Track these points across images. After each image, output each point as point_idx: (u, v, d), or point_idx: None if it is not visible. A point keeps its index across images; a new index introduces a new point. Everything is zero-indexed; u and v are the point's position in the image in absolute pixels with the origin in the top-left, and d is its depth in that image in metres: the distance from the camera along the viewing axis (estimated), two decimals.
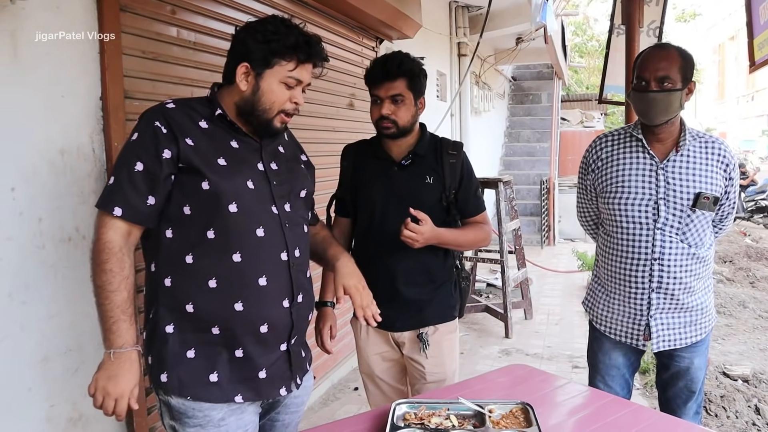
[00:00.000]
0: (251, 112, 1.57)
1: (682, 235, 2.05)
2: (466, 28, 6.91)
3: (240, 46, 1.56)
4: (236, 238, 1.53)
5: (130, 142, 1.51)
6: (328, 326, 2.17)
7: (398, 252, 2.04)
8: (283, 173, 1.67)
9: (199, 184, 1.50)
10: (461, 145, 2.21)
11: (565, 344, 4.90)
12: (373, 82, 2.07)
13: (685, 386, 2.22)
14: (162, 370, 1.53)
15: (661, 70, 1.96)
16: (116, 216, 1.45)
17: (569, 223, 10.32)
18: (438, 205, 2.10)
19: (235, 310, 1.53)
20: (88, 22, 1.95)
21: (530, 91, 12.75)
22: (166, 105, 1.54)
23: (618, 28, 4.21)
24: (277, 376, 1.63)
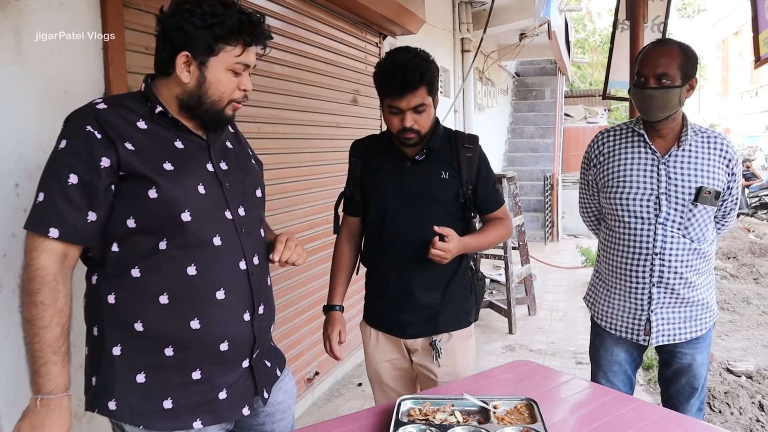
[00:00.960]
0: (198, 105, 1.42)
1: (684, 230, 2.05)
2: (470, 24, 6.89)
3: (176, 33, 1.37)
4: (191, 250, 1.39)
5: (58, 152, 1.32)
6: (337, 331, 2.10)
7: (412, 253, 1.95)
8: (234, 173, 1.52)
9: (145, 193, 1.34)
10: (477, 138, 2.10)
11: (568, 340, 4.89)
12: (390, 94, 1.89)
13: (688, 383, 2.21)
14: (109, 397, 1.38)
15: (660, 67, 1.95)
16: (52, 238, 1.28)
17: (573, 219, 10.30)
18: (454, 202, 2.01)
19: (191, 328, 1.40)
20: (91, 19, 1.95)
21: (534, 87, 12.72)
22: (96, 106, 1.36)
23: (622, 23, 4.20)
24: (239, 395, 1.51)
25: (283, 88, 3.25)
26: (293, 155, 3.42)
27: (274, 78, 3.14)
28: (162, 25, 1.40)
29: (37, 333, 1.28)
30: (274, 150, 3.19)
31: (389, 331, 2.08)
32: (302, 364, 3.55)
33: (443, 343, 2.03)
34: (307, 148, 3.57)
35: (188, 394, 1.42)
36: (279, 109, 3.22)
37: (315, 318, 3.63)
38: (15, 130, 1.70)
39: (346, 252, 2.19)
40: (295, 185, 3.42)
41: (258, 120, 3.01)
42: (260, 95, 2.99)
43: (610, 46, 4.37)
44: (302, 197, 3.52)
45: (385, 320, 2.08)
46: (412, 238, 1.94)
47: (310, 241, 3.58)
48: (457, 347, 2.06)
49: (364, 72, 4.30)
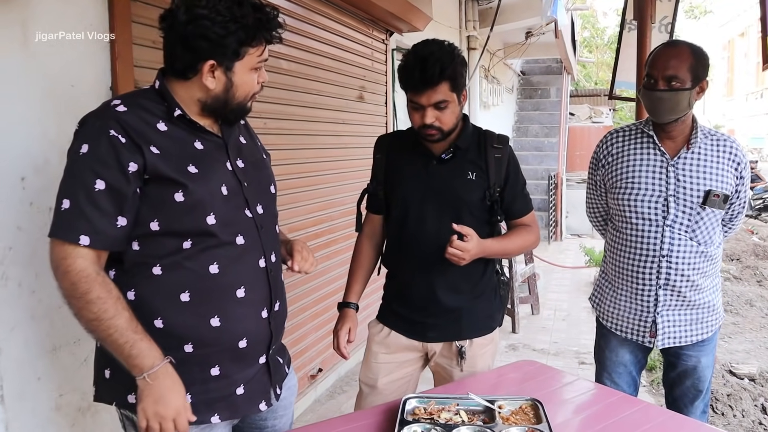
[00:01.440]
0: (224, 107, 1.43)
1: (692, 233, 2.04)
2: (476, 22, 6.87)
3: (199, 42, 1.34)
4: (214, 250, 1.40)
5: (80, 156, 1.29)
6: (347, 329, 2.02)
7: (437, 254, 1.84)
8: (250, 171, 1.52)
9: (171, 196, 1.34)
10: (507, 138, 2.00)
11: (571, 340, 4.89)
12: (411, 89, 1.83)
13: (693, 385, 2.21)
14: (129, 391, 1.38)
15: (670, 69, 1.93)
16: (83, 245, 1.27)
17: (576, 219, 10.30)
18: (481, 204, 1.93)
19: (211, 326, 1.40)
20: (98, 12, 1.95)
21: (539, 85, 12.69)
22: (115, 108, 1.34)
23: (630, 23, 4.18)
24: (256, 390, 1.53)
25: (289, 84, 3.24)
26: (298, 151, 3.42)
27: (280, 74, 3.13)
28: (177, 31, 1.35)
29: (110, 325, 1.28)
30: (280, 146, 3.18)
31: (409, 334, 2.00)
32: (306, 360, 3.55)
33: (466, 349, 1.97)
34: (312, 144, 3.57)
35: (206, 390, 1.43)
36: (285, 104, 3.21)
37: (319, 314, 3.63)
38: (21, 123, 1.70)
39: (366, 250, 2.11)
40: (300, 181, 3.42)
41: (264, 115, 3.00)
42: (266, 91, 2.95)
43: (617, 46, 4.35)
44: (307, 193, 3.51)
45: (405, 321, 2.00)
46: (436, 240, 1.86)
47: (314, 237, 3.58)
48: (478, 353, 2.00)
49: (371, 69, 4.30)
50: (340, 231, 3.85)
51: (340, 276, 3.68)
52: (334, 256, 3.80)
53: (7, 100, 1.66)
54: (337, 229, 3.83)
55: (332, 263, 3.77)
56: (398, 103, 4.94)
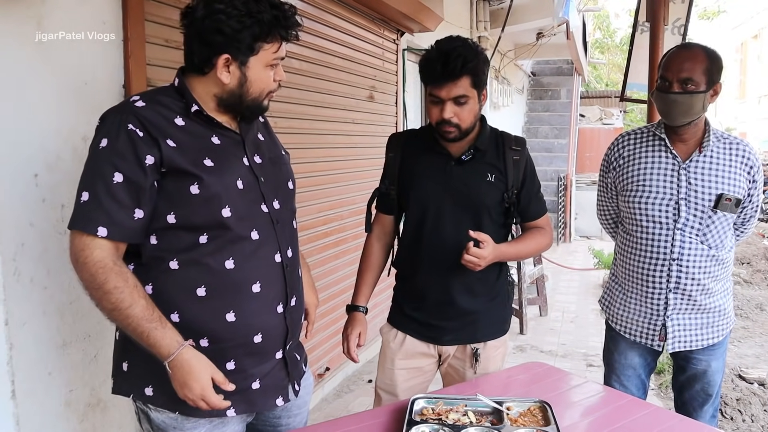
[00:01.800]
0: (239, 103, 1.44)
1: (703, 237, 2.03)
2: (487, 22, 6.85)
3: (214, 36, 1.36)
4: (230, 244, 1.41)
5: (99, 151, 1.32)
6: (357, 332, 2.00)
7: (454, 257, 1.82)
8: (267, 166, 1.54)
9: (187, 189, 1.36)
10: (524, 141, 2.00)
11: (579, 342, 4.87)
12: (431, 82, 1.81)
13: (702, 389, 2.19)
14: (146, 383, 1.42)
15: (685, 72, 1.91)
16: (100, 237, 1.29)
17: (586, 221, 10.25)
18: (498, 207, 1.92)
19: (226, 320, 1.42)
20: (112, 10, 1.96)
21: (549, 86, 12.65)
22: (134, 103, 1.37)
23: (642, 25, 4.16)
24: (273, 385, 1.54)
25: (300, 83, 3.25)
26: (308, 150, 3.42)
27: (291, 73, 3.13)
28: (195, 26, 1.38)
29: (128, 315, 1.30)
30: (290, 145, 3.13)
31: (425, 338, 1.98)
32: (313, 359, 3.55)
33: (480, 351, 1.97)
34: (322, 143, 3.57)
35: None
36: (295, 104, 3.22)
37: (327, 314, 3.63)
38: (35, 120, 1.71)
39: (376, 251, 2.08)
40: (310, 180, 3.42)
41: (274, 114, 3.00)
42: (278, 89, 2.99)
43: (629, 47, 4.33)
44: (317, 193, 3.52)
45: (420, 325, 1.98)
46: (454, 243, 1.83)
47: (323, 236, 3.58)
48: (491, 355, 1.99)
49: (381, 68, 4.30)
50: (350, 230, 3.86)
51: (348, 276, 3.68)
52: (343, 256, 3.80)
53: (21, 98, 1.67)
54: (346, 228, 3.84)
55: (341, 263, 3.78)
56: (408, 103, 4.94)
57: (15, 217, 1.66)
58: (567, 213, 9.95)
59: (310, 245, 3.43)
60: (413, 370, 2.01)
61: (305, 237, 3.37)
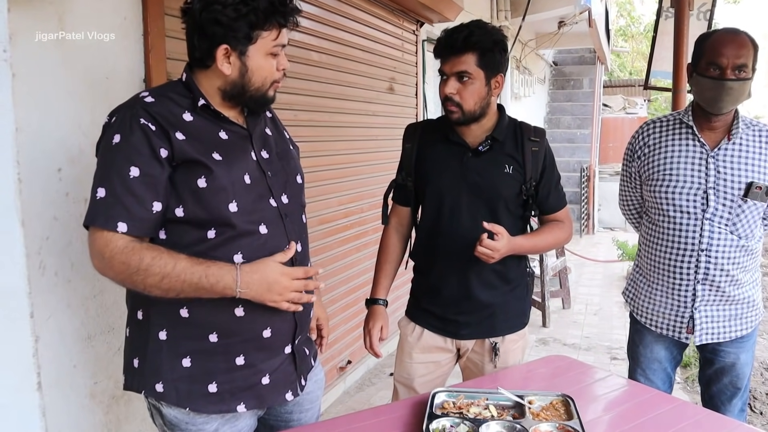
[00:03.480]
0: (242, 93, 1.43)
1: (732, 226, 1.98)
2: (508, 12, 6.77)
3: (212, 27, 1.36)
4: (238, 238, 1.41)
5: (113, 146, 1.32)
6: (379, 326, 1.97)
7: (471, 250, 1.78)
8: (275, 161, 1.54)
9: (195, 182, 1.36)
10: (544, 131, 1.96)
11: (603, 335, 4.82)
12: (439, 55, 1.81)
13: (731, 382, 2.15)
14: (157, 379, 1.41)
15: (740, 57, 1.87)
16: (120, 232, 1.30)
17: (609, 212, 10.13)
18: (516, 199, 1.89)
19: (235, 315, 1.42)
20: (132, 6, 1.97)
21: (571, 76, 12.49)
22: (144, 99, 1.38)
23: (666, 11, 4.08)
24: (282, 380, 1.53)
25: (320, 75, 3.24)
26: (329, 143, 3.42)
27: (310, 65, 3.13)
28: (194, 20, 1.39)
29: (179, 272, 1.31)
30: (310, 138, 3.19)
31: (442, 332, 1.96)
32: (335, 352, 3.56)
33: (500, 345, 1.95)
34: (342, 136, 3.57)
35: (232, 379, 1.45)
36: (315, 96, 3.21)
37: (348, 306, 3.64)
38: (58, 115, 1.73)
39: (394, 243, 2.07)
40: (330, 173, 3.42)
41: (294, 107, 3.01)
42: (297, 82, 2.99)
43: (653, 34, 4.25)
44: (337, 185, 3.51)
45: (437, 319, 1.96)
46: (471, 235, 1.79)
47: (344, 230, 3.58)
48: (510, 349, 1.97)
49: (401, 60, 4.27)
50: (370, 223, 3.85)
51: (369, 268, 3.67)
52: (364, 249, 3.80)
53: (44, 93, 1.69)
54: (367, 221, 3.83)
55: (362, 255, 3.77)
56: (428, 94, 4.91)
57: (39, 211, 1.68)
58: (590, 204, 9.83)
59: (330, 238, 3.43)
60: (431, 364, 2.00)
61: (325, 230, 3.38)
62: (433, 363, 2.00)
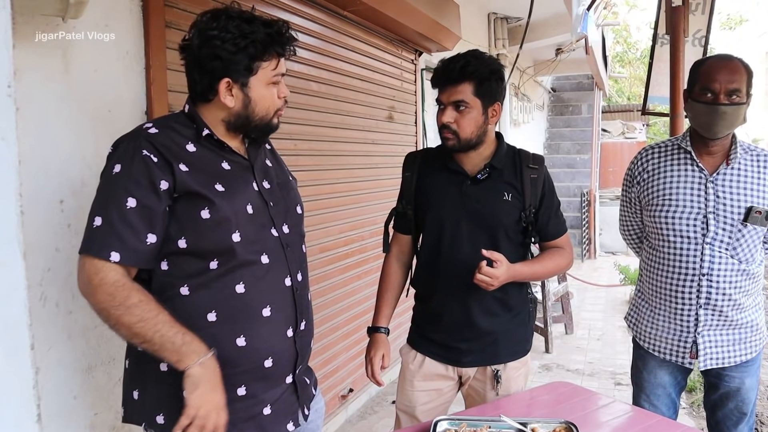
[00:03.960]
0: (247, 124, 1.46)
1: (732, 251, 1.98)
2: (506, 40, 6.86)
3: (212, 62, 1.38)
4: (241, 269, 1.41)
5: (113, 176, 1.33)
6: (380, 355, 1.95)
7: (471, 278, 1.80)
8: (276, 191, 1.55)
9: (198, 213, 1.37)
10: (542, 158, 1.98)
11: (607, 360, 4.78)
12: (436, 85, 1.84)
13: (736, 407, 2.13)
14: (158, 411, 1.41)
15: (734, 83, 1.89)
16: (113, 262, 1.30)
17: (610, 236, 10.11)
18: (516, 226, 1.89)
19: (236, 345, 1.41)
20: (135, 39, 2.00)
21: (570, 102, 12.58)
22: (147, 130, 1.39)
23: (662, 38, 4.13)
24: (283, 410, 1.53)
25: (319, 105, 3.28)
26: (329, 172, 3.44)
27: (310, 95, 3.17)
28: (193, 56, 1.41)
29: (154, 324, 1.31)
30: (310, 167, 3.21)
31: (444, 359, 1.95)
32: (336, 380, 3.54)
33: (501, 372, 1.93)
34: (342, 164, 3.59)
35: (233, 410, 1.43)
36: (315, 125, 3.24)
37: (350, 334, 3.62)
38: (61, 147, 1.75)
39: (395, 272, 2.07)
40: (330, 201, 3.43)
41: (294, 137, 3.03)
42: (297, 112, 3.02)
43: (650, 60, 4.29)
44: (338, 213, 3.52)
45: (439, 346, 1.96)
46: (471, 263, 1.80)
47: (344, 257, 3.58)
48: (513, 376, 1.96)
49: (400, 89, 4.32)
50: (371, 251, 3.85)
51: (371, 296, 3.67)
52: (365, 276, 3.79)
53: (48, 126, 1.71)
54: (368, 248, 3.83)
55: (363, 283, 3.77)
56: (428, 122, 4.95)
57: (41, 242, 1.69)
58: (591, 229, 9.83)
59: (331, 266, 3.43)
60: (432, 392, 1.99)
61: (326, 258, 3.38)
62: (435, 390, 1.99)
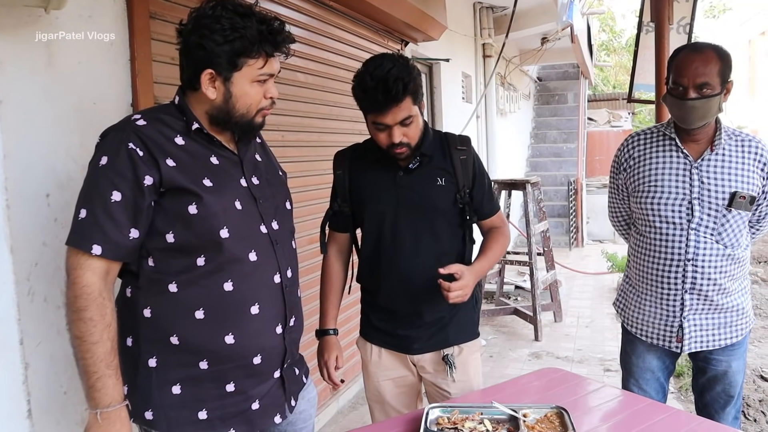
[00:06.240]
0: (228, 119, 1.42)
1: (718, 236, 2.00)
2: (491, 29, 6.87)
3: (198, 51, 1.36)
4: (228, 266, 1.40)
5: (99, 168, 1.32)
6: (334, 356, 1.96)
7: (415, 269, 1.86)
8: (265, 187, 1.54)
9: (185, 208, 1.36)
10: (469, 139, 1.98)
11: (595, 347, 4.82)
12: (374, 110, 1.77)
13: (723, 390, 2.16)
14: (147, 407, 1.41)
15: (701, 77, 1.88)
16: (94, 255, 1.29)
17: (597, 224, 10.19)
18: (453, 209, 1.90)
19: (225, 342, 1.41)
20: (119, 31, 1.98)
21: (556, 91, 12.63)
22: (135, 122, 1.37)
23: (647, 25, 4.14)
24: (271, 404, 1.53)
25: (307, 96, 3.26)
26: (317, 162, 3.42)
27: (297, 86, 3.15)
28: (184, 41, 1.39)
29: (89, 349, 1.29)
30: (298, 158, 3.20)
31: (395, 348, 1.97)
32: None
33: (455, 357, 1.94)
34: (330, 155, 3.54)
35: (222, 405, 1.44)
36: (302, 117, 3.23)
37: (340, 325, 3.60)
38: (46, 140, 1.73)
39: (336, 271, 2.07)
40: (319, 193, 3.42)
41: (282, 128, 3.02)
42: (284, 103, 3.00)
43: (635, 48, 4.30)
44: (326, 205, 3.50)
45: (389, 336, 1.97)
46: (413, 252, 1.84)
47: None
48: (468, 360, 1.97)
49: None
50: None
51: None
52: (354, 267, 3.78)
53: (32, 119, 1.69)
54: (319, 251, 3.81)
55: None
56: None
57: (28, 237, 1.67)
58: (578, 217, 9.88)
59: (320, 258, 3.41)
60: (398, 379, 2.01)
61: (315, 250, 3.36)
62: (400, 377, 2.01)
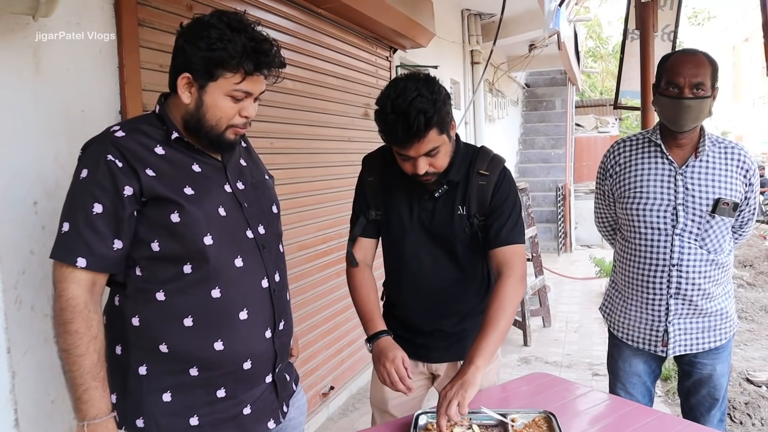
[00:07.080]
0: (198, 127, 1.40)
1: (701, 241, 2.03)
2: (479, 36, 6.91)
3: (181, 54, 1.36)
4: (215, 272, 1.40)
5: (80, 181, 1.33)
6: (400, 356, 1.72)
7: (435, 286, 1.83)
8: (250, 191, 1.52)
9: (168, 217, 1.36)
10: (498, 162, 1.84)
11: (584, 351, 4.85)
12: (396, 143, 1.67)
13: (708, 393, 2.19)
14: (137, 415, 1.40)
15: (697, 77, 1.93)
16: (80, 267, 1.30)
17: (586, 230, 10.25)
18: (473, 235, 1.83)
19: (214, 349, 1.41)
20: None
21: (544, 97, 12.71)
22: (114, 134, 1.36)
23: (632, 33, 4.20)
24: (263, 409, 1.53)
25: (295, 103, 3.27)
26: (306, 170, 3.44)
27: (285, 93, 3.16)
28: (175, 43, 1.40)
29: (75, 361, 1.30)
30: (287, 165, 3.21)
31: (413, 356, 1.90)
32: (317, 378, 3.54)
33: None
34: (319, 162, 3.59)
35: (213, 411, 1.44)
36: (291, 124, 3.24)
37: (330, 332, 3.62)
38: (33, 148, 1.72)
39: (368, 276, 1.95)
40: (308, 199, 3.43)
41: (270, 135, 3.02)
42: (272, 110, 3.01)
43: (621, 55, 4.36)
44: (316, 211, 3.52)
45: (407, 343, 1.86)
46: (433, 272, 1.82)
47: (323, 255, 3.58)
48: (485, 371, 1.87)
49: (375, 86, 4.32)
50: None
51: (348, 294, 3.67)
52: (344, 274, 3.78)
53: (21, 126, 1.68)
54: (345, 246, 3.83)
55: (341, 280, 3.73)
56: None
57: (16, 245, 1.67)
58: (567, 223, 9.94)
59: (309, 264, 3.43)
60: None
61: (305, 256, 3.38)
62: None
